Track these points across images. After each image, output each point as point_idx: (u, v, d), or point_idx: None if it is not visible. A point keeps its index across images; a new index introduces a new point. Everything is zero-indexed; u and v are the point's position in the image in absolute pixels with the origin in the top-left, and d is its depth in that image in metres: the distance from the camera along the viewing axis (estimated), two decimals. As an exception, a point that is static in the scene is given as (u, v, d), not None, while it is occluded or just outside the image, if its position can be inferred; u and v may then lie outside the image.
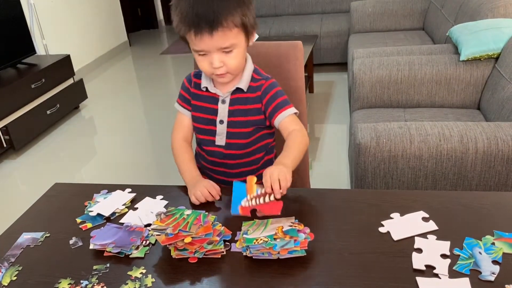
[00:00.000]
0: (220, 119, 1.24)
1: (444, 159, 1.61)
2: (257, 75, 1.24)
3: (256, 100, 1.22)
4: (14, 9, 3.50)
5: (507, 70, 2.06)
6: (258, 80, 1.23)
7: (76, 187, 1.30)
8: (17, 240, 1.06)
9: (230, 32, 1.07)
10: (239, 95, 1.22)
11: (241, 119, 1.23)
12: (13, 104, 3.22)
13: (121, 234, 1.03)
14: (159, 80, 4.78)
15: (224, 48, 1.09)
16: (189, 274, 0.91)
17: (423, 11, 3.93)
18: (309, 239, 0.93)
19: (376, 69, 2.39)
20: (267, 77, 1.25)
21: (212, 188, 1.15)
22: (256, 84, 1.23)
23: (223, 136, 1.25)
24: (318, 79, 4.12)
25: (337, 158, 2.84)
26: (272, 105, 1.21)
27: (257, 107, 1.23)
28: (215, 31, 1.05)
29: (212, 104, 1.24)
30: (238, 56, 1.13)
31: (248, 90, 1.22)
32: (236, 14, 1.07)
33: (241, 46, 1.13)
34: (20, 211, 1.19)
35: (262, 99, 1.22)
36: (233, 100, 1.23)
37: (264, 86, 1.22)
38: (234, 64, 1.13)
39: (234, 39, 1.09)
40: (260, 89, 1.22)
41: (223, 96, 1.22)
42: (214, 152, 1.28)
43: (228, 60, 1.12)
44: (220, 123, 1.24)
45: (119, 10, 5.82)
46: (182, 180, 1.24)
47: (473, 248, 0.91)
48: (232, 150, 1.26)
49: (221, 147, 1.26)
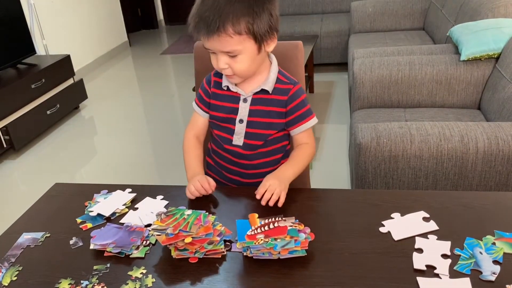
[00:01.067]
0: (240, 118, 1.22)
1: (445, 159, 1.61)
2: (284, 78, 1.23)
3: (281, 103, 1.21)
4: (14, 9, 3.50)
5: (507, 70, 2.06)
6: (286, 83, 1.22)
7: (76, 187, 1.30)
8: (18, 240, 1.06)
9: (230, 38, 1.05)
10: (263, 95, 1.21)
11: (261, 120, 1.21)
12: (13, 104, 3.22)
13: (122, 234, 1.03)
14: (159, 80, 4.78)
15: (227, 52, 1.09)
16: (189, 274, 0.91)
17: (424, 11, 3.93)
18: (309, 239, 0.93)
19: (377, 69, 2.39)
20: (295, 81, 1.23)
21: (205, 182, 1.14)
22: (283, 87, 1.21)
23: (241, 136, 1.24)
24: (318, 79, 4.12)
25: (337, 158, 2.84)
26: (295, 114, 1.21)
27: (281, 110, 1.21)
28: (211, 36, 1.05)
29: (232, 103, 1.23)
30: (244, 61, 1.11)
31: (273, 92, 1.20)
32: (239, 22, 1.04)
33: (248, 53, 1.10)
34: (20, 211, 1.19)
35: (288, 105, 1.20)
36: (255, 100, 1.21)
37: (292, 91, 1.21)
38: (239, 69, 1.11)
39: (236, 46, 1.07)
40: (287, 93, 1.20)
41: (245, 95, 1.21)
42: (230, 151, 1.27)
43: (234, 64, 1.11)
44: (240, 122, 1.23)
45: (119, 10, 5.82)
46: (184, 179, 1.24)
47: (474, 248, 0.91)
48: (249, 150, 1.25)
49: (238, 146, 1.25)
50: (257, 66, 1.17)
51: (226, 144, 1.26)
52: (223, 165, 1.32)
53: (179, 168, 1.87)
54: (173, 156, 2.98)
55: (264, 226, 0.97)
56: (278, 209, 1.08)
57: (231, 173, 1.31)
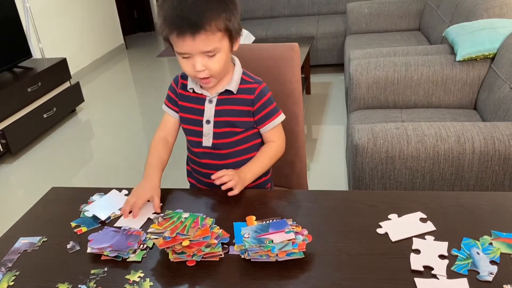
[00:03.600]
0: (206, 119, 1.23)
1: (441, 159, 1.62)
2: (248, 78, 1.24)
3: (247, 102, 1.22)
4: (10, 12, 3.49)
5: (503, 70, 2.07)
6: (250, 82, 1.23)
7: (73, 191, 1.30)
8: (14, 245, 1.05)
9: (214, 36, 1.07)
10: (227, 96, 1.22)
11: (228, 119, 1.22)
12: (10, 108, 3.21)
13: (119, 238, 1.02)
14: (155, 83, 4.78)
15: (207, 52, 1.09)
16: (187, 277, 0.91)
17: (419, 11, 3.95)
18: (307, 241, 0.93)
19: (373, 70, 2.39)
20: (259, 80, 1.25)
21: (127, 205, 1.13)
22: (249, 86, 1.22)
23: (210, 137, 1.24)
24: (315, 80, 4.12)
25: (334, 159, 2.84)
26: (262, 113, 1.23)
27: (248, 109, 1.22)
28: (197, 35, 1.05)
29: (198, 104, 1.24)
30: (221, 60, 1.12)
31: (239, 92, 1.22)
32: (220, 19, 1.06)
33: (224, 51, 1.12)
34: (17, 215, 1.18)
35: (255, 104, 1.22)
36: (220, 100, 1.22)
37: (258, 90, 1.22)
38: (216, 68, 1.12)
39: (217, 43, 1.08)
40: (254, 92, 1.22)
41: (210, 96, 1.22)
42: (201, 154, 1.27)
43: (211, 64, 1.11)
44: (207, 123, 1.23)
45: (115, 13, 5.82)
46: (181, 182, 1.24)
47: (471, 249, 0.91)
48: (219, 150, 1.25)
49: (208, 148, 1.25)
50: (227, 67, 1.19)
51: (197, 147, 1.27)
52: (197, 169, 1.32)
53: (175, 171, 1.87)
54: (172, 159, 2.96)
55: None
56: (275, 212, 1.08)
57: (206, 177, 1.29)
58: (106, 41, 5.58)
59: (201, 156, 1.28)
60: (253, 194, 1.18)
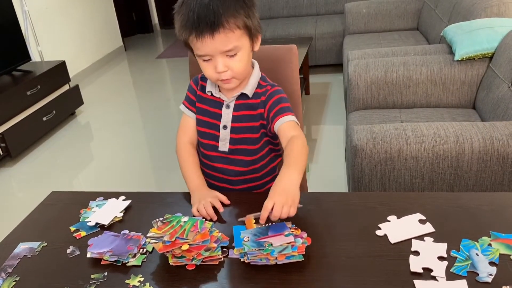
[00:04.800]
0: (223, 124, 1.22)
1: (440, 159, 1.62)
2: (263, 82, 1.23)
3: (260, 105, 1.21)
4: (8, 16, 3.50)
5: (501, 69, 2.07)
6: (264, 86, 1.22)
7: (72, 195, 1.30)
8: (14, 250, 1.05)
9: (233, 33, 1.05)
10: (244, 101, 1.21)
11: (246, 124, 1.22)
12: (9, 111, 3.21)
13: (118, 242, 1.02)
14: (155, 84, 4.78)
15: (227, 51, 1.07)
16: (187, 281, 0.91)
17: (417, 11, 3.95)
18: (306, 244, 0.93)
19: (371, 70, 2.39)
20: (273, 84, 1.24)
21: (216, 201, 1.13)
22: (262, 90, 1.22)
23: (227, 142, 1.23)
24: (313, 80, 4.12)
25: (334, 159, 2.84)
26: (274, 110, 1.19)
27: (261, 111, 1.21)
28: (216, 33, 1.03)
29: (216, 108, 1.23)
30: (243, 59, 1.11)
31: (253, 96, 1.21)
32: (238, 16, 1.05)
33: (245, 49, 1.11)
34: (18, 220, 1.18)
35: (266, 104, 1.20)
36: (238, 106, 1.22)
37: (269, 91, 1.21)
38: (239, 67, 1.11)
39: (237, 41, 1.07)
40: (265, 94, 1.21)
41: (227, 101, 1.21)
42: (216, 158, 1.26)
43: (233, 63, 1.10)
44: (224, 128, 1.23)
45: (113, 15, 5.82)
46: (181, 185, 1.24)
47: (470, 250, 0.91)
48: (236, 155, 1.24)
49: (224, 153, 1.25)
50: (249, 67, 1.18)
51: (212, 151, 1.26)
52: (209, 173, 1.31)
53: (175, 173, 1.86)
54: (169, 161, 2.97)
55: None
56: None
57: (218, 181, 1.29)
58: (105, 43, 5.58)
59: (215, 160, 1.27)
60: (253, 197, 1.18)
